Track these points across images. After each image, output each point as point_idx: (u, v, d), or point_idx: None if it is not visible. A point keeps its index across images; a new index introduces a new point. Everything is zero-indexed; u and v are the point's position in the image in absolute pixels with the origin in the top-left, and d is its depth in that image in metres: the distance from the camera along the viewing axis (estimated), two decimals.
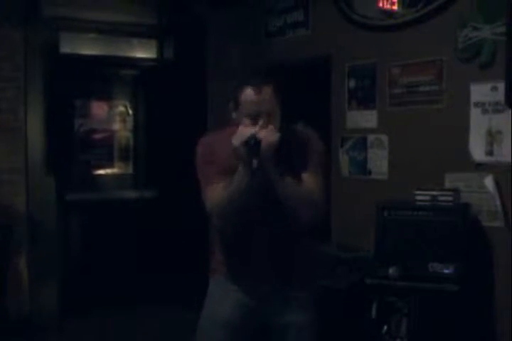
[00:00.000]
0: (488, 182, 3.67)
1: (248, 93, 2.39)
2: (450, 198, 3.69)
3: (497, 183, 3.64)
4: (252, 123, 2.38)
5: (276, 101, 2.42)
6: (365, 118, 4.49)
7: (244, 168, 2.34)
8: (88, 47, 5.79)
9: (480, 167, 3.73)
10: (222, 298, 2.56)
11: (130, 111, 6.10)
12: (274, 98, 2.41)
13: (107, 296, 5.45)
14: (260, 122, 2.37)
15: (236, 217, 2.40)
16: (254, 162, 2.29)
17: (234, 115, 2.49)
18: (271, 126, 2.37)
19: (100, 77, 5.94)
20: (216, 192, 2.42)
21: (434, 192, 3.73)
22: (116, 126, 6.06)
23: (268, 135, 2.33)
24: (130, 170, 6.10)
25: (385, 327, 3.56)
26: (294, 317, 2.52)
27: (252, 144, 2.30)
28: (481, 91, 3.72)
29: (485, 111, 3.71)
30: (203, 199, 2.49)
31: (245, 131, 2.36)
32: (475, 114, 3.76)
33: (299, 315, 2.53)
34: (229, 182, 2.39)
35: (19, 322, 4.88)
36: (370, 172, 4.49)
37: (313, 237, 2.69)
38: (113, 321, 5.21)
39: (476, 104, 3.75)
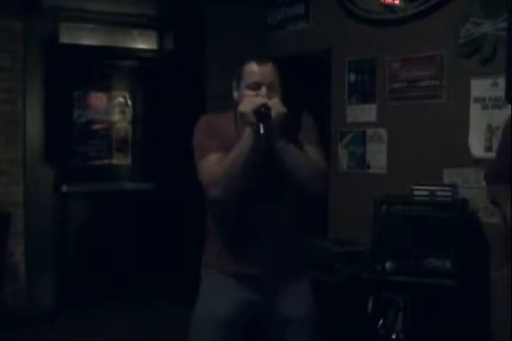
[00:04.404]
0: None
1: (251, 65, 2.41)
2: (448, 193, 3.69)
3: None
4: (254, 94, 2.36)
5: (277, 77, 2.42)
6: (365, 113, 4.49)
7: (251, 132, 2.29)
8: (88, 38, 5.76)
9: (478, 162, 3.73)
10: (216, 292, 2.51)
11: (129, 103, 6.07)
12: (275, 72, 2.42)
13: (103, 288, 5.45)
14: (263, 92, 2.36)
15: (235, 190, 2.32)
16: (262, 128, 2.25)
17: (236, 95, 2.47)
18: (276, 98, 2.35)
19: (100, 67, 5.91)
20: (214, 162, 2.36)
21: (432, 188, 3.73)
22: (115, 117, 6.03)
23: (277, 104, 2.32)
24: (128, 161, 6.08)
25: (381, 322, 3.57)
26: (292, 311, 2.48)
27: (263, 112, 2.27)
28: (481, 87, 3.72)
29: (485, 107, 3.71)
30: (198, 171, 2.41)
31: (253, 99, 2.33)
32: (475, 109, 3.76)
33: (297, 309, 2.49)
34: (228, 154, 2.33)
35: (15, 313, 4.86)
36: (368, 167, 4.49)
37: (310, 231, 2.68)
38: (109, 314, 5.20)
39: (476, 100, 3.75)
